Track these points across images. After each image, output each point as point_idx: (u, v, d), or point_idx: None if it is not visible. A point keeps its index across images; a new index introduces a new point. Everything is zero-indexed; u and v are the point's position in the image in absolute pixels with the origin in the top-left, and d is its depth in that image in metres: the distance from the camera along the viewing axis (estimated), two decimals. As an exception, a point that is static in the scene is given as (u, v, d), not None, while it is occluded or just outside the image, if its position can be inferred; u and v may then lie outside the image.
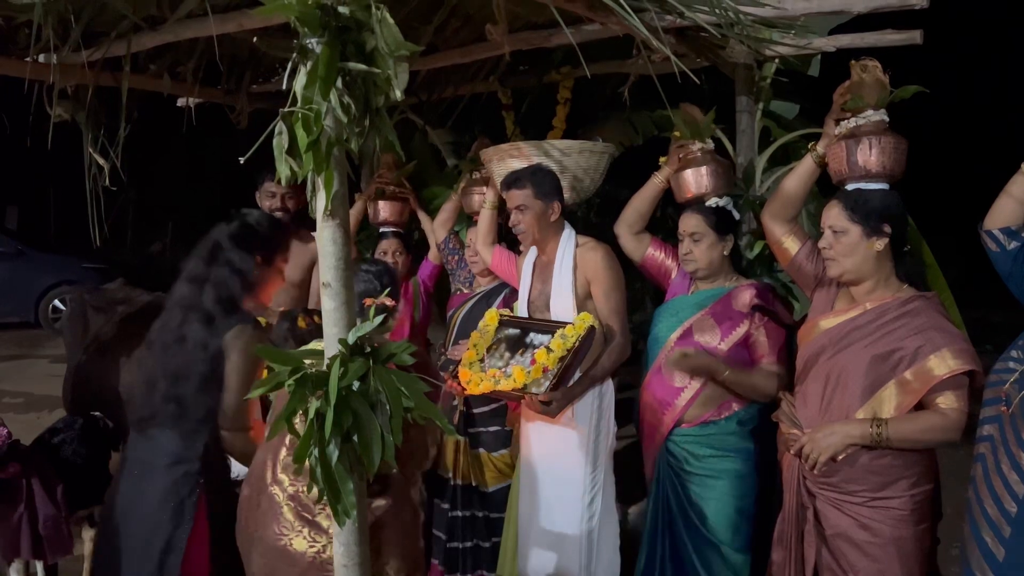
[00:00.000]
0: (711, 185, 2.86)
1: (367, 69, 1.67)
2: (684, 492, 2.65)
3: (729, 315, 2.64)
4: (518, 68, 4.03)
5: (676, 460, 2.69)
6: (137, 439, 2.35)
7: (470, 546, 3.37)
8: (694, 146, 2.93)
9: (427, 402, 1.78)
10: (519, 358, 2.82)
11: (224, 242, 2.42)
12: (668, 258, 2.96)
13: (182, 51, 3.55)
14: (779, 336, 2.63)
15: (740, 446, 2.64)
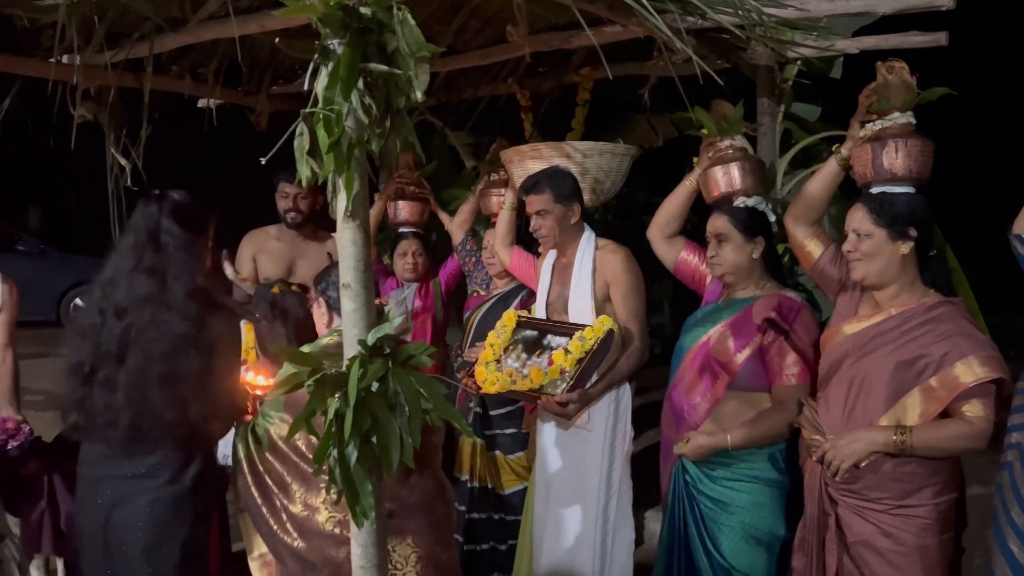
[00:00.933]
0: (740, 183, 2.72)
1: (388, 70, 1.66)
2: (700, 512, 2.54)
3: (745, 328, 2.51)
4: (537, 70, 4.02)
5: (691, 478, 2.56)
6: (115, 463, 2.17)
7: (487, 548, 3.37)
8: (723, 143, 2.81)
9: (446, 404, 1.77)
10: (536, 359, 2.81)
11: (171, 226, 2.20)
12: (703, 263, 2.80)
13: (204, 52, 3.57)
14: (795, 357, 2.44)
15: (756, 473, 2.48)
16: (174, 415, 2.13)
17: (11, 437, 2.66)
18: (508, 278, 3.52)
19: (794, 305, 2.50)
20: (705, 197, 2.86)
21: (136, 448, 2.15)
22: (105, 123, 3.58)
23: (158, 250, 2.19)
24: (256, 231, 3.72)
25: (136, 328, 2.14)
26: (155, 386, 2.12)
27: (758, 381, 2.49)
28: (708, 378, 2.55)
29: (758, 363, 2.48)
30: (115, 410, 2.13)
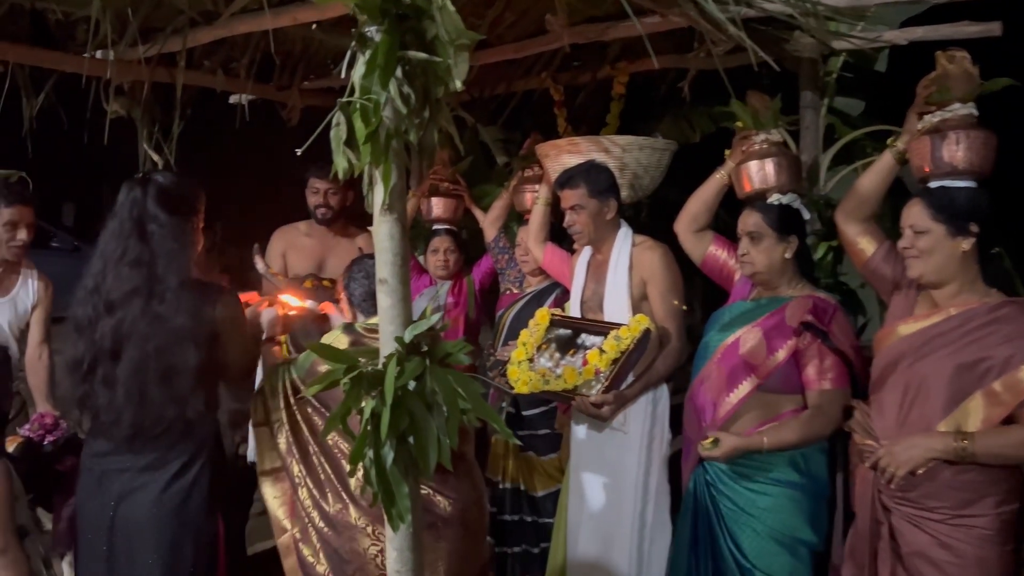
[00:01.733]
0: (775, 179, 2.64)
1: (427, 58, 1.61)
2: (721, 514, 2.46)
3: (779, 330, 2.41)
4: (571, 64, 3.95)
5: (712, 479, 2.49)
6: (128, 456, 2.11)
7: (519, 551, 3.31)
8: (757, 137, 2.73)
9: (484, 404, 1.71)
10: (570, 359, 2.75)
11: (155, 212, 2.08)
12: (732, 258, 2.72)
13: (236, 47, 3.55)
14: (834, 360, 2.35)
15: (776, 476, 2.38)
16: (175, 411, 2.07)
17: (49, 432, 2.65)
18: (541, 276, 3.46)
19: (829, 307, 2.41)
20: (737, 192, 2.77)
21: (140, 443, 2.09)
22: (138, 118, 3.58)
23: (143, 239, 2.07)
24: (286, 227, 3.70)
25: (128, 323, 2.04)
26: (154, 382, 2.05)
27: (789, 384, 2.41)
28: (736, 379, 2.46)
29: (792, 366, 2.40)
30: (117, 408, 2.06)
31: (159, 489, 2.10)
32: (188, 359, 2.05)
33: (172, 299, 2.04)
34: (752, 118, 2.75)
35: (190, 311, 2.05)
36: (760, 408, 2.42)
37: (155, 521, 2.09)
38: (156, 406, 2.05)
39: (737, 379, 2.46)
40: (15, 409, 2.95)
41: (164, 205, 2.09)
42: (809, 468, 2.40)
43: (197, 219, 2.20)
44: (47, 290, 2.96)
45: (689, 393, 2.64)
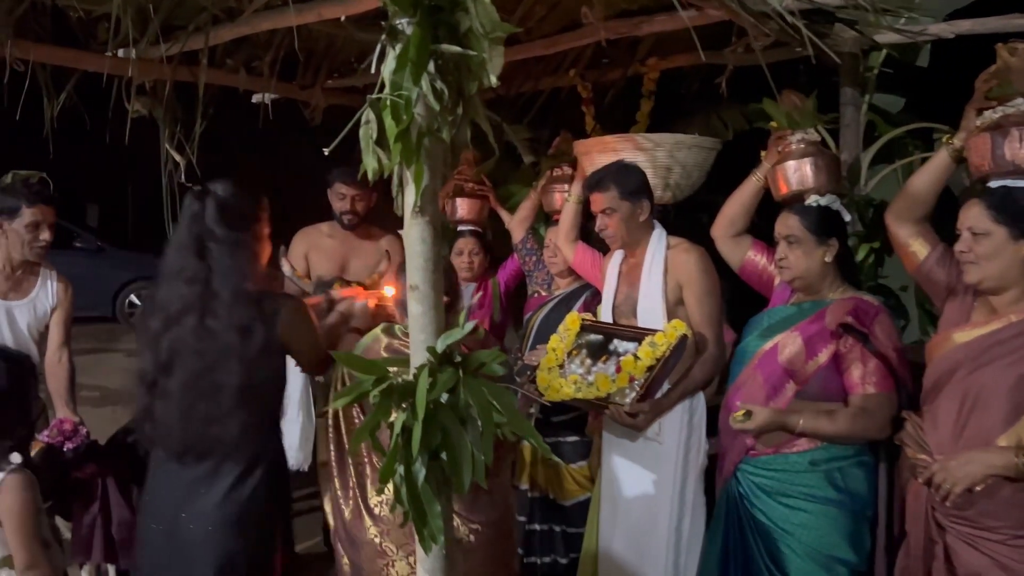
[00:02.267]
0: (813, 180, 2.55)
1: (461, 51, 1.52)
2: (755, 527, 2.36)
3: (818, 333, 2.31)
4: (600, 61, 3.85)
5: (744, 491, 2.40)
6: (179, 469, 2.11)
7: (548, 562, 3.23)
8: (793, 136, 2.63)
9: (520, 417, 1.63)
10: (602, 365, 2.66)
11: (212, 229, 2.08)
12: (770, 264, 2.62)
13: (259, 45, 3.50)
14: (877, 364, 2.24)
15: (812, 491, 2.27)
16: (219, 429, 2.06)
17: (68, 439, 2.59)
18: (571, 278, 3.37)
19: (871, 308, 2.31)
20: (774, 195, 2.68)
21: (191, 457, 2.09)
22: (160, 118, 3.53)
23: (201, 255, 2.07)
24: (308, 228, 3.63)
25: (181, 338, 2.07)
26: (200, 399, 2.06)
27: (831, 390, 2.31)
28: (774, 386, 2.37)
29: (832, 371, 2.30)
30: (169, 422, 2.09)
31: (215, 502, 2.07)
32: (233, 377, 2.04)
33: (224, 315, 2.04)
34: (787, 117, 2.65)
35: (240, 327, 2.04)
36: None
37: (211, 535, 2.07)
38: (200, 423, 2.06)
39: (776, 386, 2.36)
40: (36, 414, 2.89)
41: (221, 220, 2.09)
42: (847, 484, 2.29)
43: (259, 228, 2.19)
44: (67, 292, 2.91)
45: (725, 400, 2.54)
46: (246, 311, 2.05)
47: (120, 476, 2.62)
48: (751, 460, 2.40)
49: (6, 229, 2.72)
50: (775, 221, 2.50)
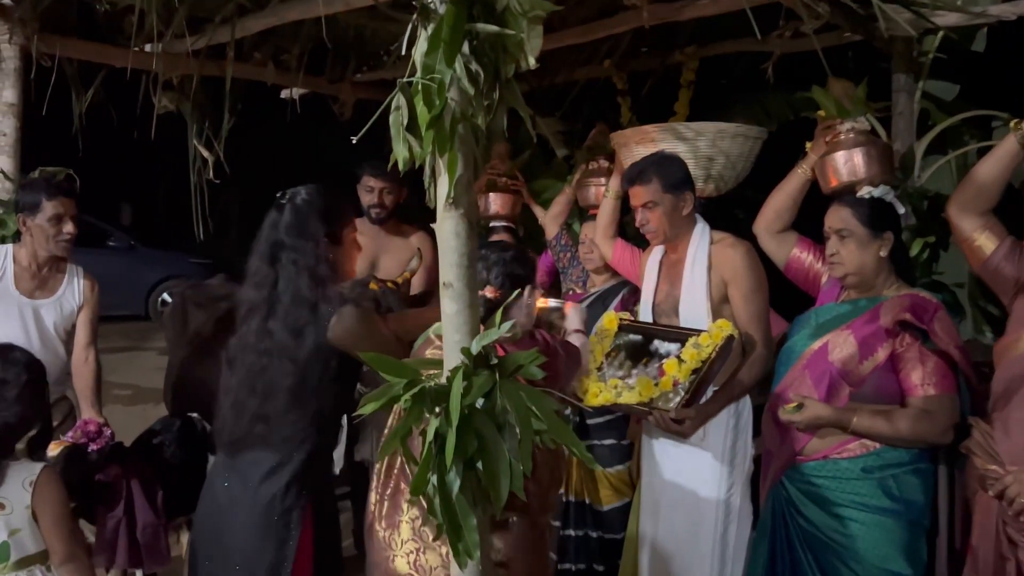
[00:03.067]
0: (864, 171, 2.43)
1: (498, 31, 1.42)
2: (803, 538, 2.24)
3: (873, 332, 2.18)
4: (638, 50, 3.72)
5: (791, 497, 2.28)
6: (227, 460, 2.17)
7: (583, 568, 3.11)
8: (842, 126, 2.50)
9: (561, 424, 1.52)
10: (642, 368, 2.53)
11: (283, 237, 2.12)
12: (817, 261, 2.51)
13: (286, 36, 3.43)
14: (937, 363, 2.12)
15: (864, 500, 2.16)
16: (263, 427, 2.08)
17: (92, 440, 2.53)
18: (607, 274, 3.26)
19: (929, 304, 2.17)
20: (822, 187, 2.55)
21: (236, 450, 2.13)
22: (187, 114, 3.48)
23: (272, 263, 2.12)
24: None
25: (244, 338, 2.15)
26: (252, 396, 2.10)
27: (887, 392, 2.17)
28: (826, 388, 2.23)
29: (889, 372, 2.17)
30: (223, 415, 2.15)
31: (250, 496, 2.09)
32: (284, 377, 2.07)
33: (281, 316, 2.09)
34: (836, 105, 2.51)
35: (293, 329, 2.08)
36: None
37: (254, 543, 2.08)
38: (249, 419, 2.10)
39: (828, 387, 2.23)
40: (63, 414, 2.85)
41: (292, 229, 2.12)
42: (902, 492, 2.15)
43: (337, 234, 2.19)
44: (93, 290, 2.86)
45: (770, 403, 2.41)
46: (301, 314, 2.08)
47: (145, 478, 2.55)
48: (799, 466, 2.27)
49: (30, 226, 2.68)
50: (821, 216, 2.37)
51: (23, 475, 2.00)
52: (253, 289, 2.14)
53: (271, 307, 2.10)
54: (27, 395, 2.00)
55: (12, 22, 2.85)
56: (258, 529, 2.07)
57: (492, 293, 2.03)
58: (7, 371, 1.99)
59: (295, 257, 2.10)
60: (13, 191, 2.95)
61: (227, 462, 2.16)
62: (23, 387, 1.99)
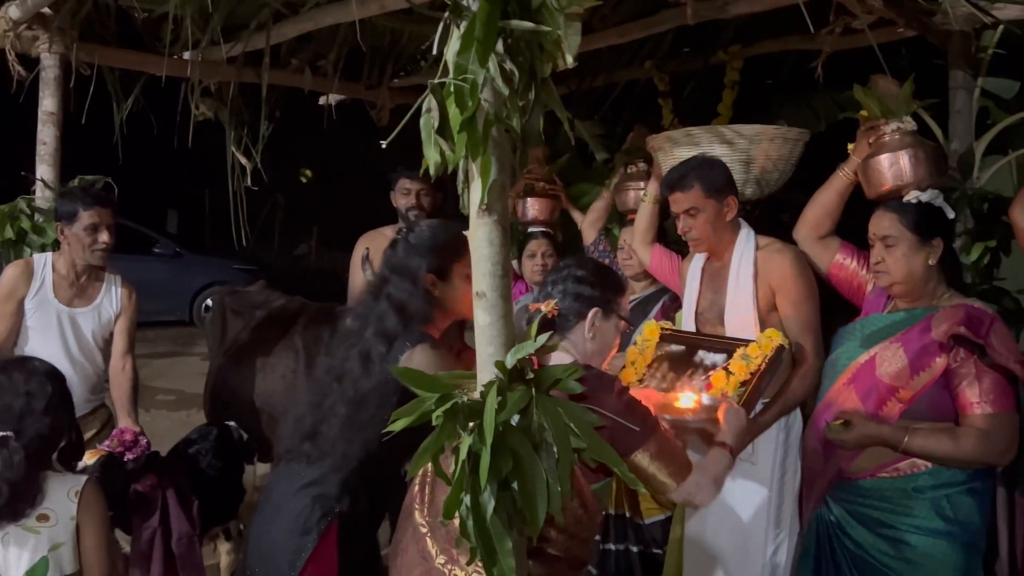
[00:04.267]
0: (911, 174, 2.29)
1: (534, 28, 1.35)
2: (850, 561, 2.13)
3: (925, 345, 2.05)
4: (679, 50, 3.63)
5: (836, 519, 2.17)
6: (279, 470, 2.14)
7: (624, 584, 3.01)
8: (887, 127, 2.37)
9: (601, 442, 1.44)
10: (687, 380, 2.43)
11: (387, 273, 2.10)
12: (862, 268, 2.40)
13: (323, 42, 3.41)
14: (995, 379, 1.99)
15: (916, 522, 2.04)
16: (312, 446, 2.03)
17: (128, 449, 2.53)
18: (646, 281, 3.17)
19: (985, 316, 2.03)
20: (866, 191, 2.41)
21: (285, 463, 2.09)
22: (225, 120, 3.48)
23: (376, 297, 2.09)
24: (371, 232, 3.51)
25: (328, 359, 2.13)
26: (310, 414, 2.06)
27: (940, 410, 2.04)
28: (874, 404, 2.11)
29: (943, 388, 2.04)
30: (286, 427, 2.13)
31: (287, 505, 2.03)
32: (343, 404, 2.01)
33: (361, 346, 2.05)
34: (879, 105, 2.37)
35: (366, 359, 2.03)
36: None
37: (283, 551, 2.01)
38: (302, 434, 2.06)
39: (875, 403, 2.10)
40: (101, 422, 2.86)
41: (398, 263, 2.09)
42: (956, 513, 2.03)
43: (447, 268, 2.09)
44: (131, 298, 2.86)
45: (812, 418, 2.29)
46: (379, 346, 2.03)
47: (181, 488, 2.54)
48: (845, 485, 2.16)
49: (67, 235, 2.69)
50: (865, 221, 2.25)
51: (67, 486, 1.93)
52: (354, 319, 2.11)
53: (360, 337, 2.07)
54: (54, 405, 1.94)
55: (51, 31, 2.88)
56: (282, 536, 2.02)
57: (547, 308, 1.81)
58: (30, 383, 1.93)
59: (391, 292, 2.06)
60: (52, 199, 2.97)
61: (277, 470, 2.14)
62: (49, 397, 1.94)
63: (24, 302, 2.69)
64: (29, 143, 3.03)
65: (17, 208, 2.93)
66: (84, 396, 2.80)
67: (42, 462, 1.94)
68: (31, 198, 2.97)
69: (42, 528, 1.87)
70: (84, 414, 2.82)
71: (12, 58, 2.90)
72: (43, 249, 2.89)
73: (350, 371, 2.02)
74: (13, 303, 2.68)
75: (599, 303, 1.83)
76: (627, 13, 2.97)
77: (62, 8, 2.82)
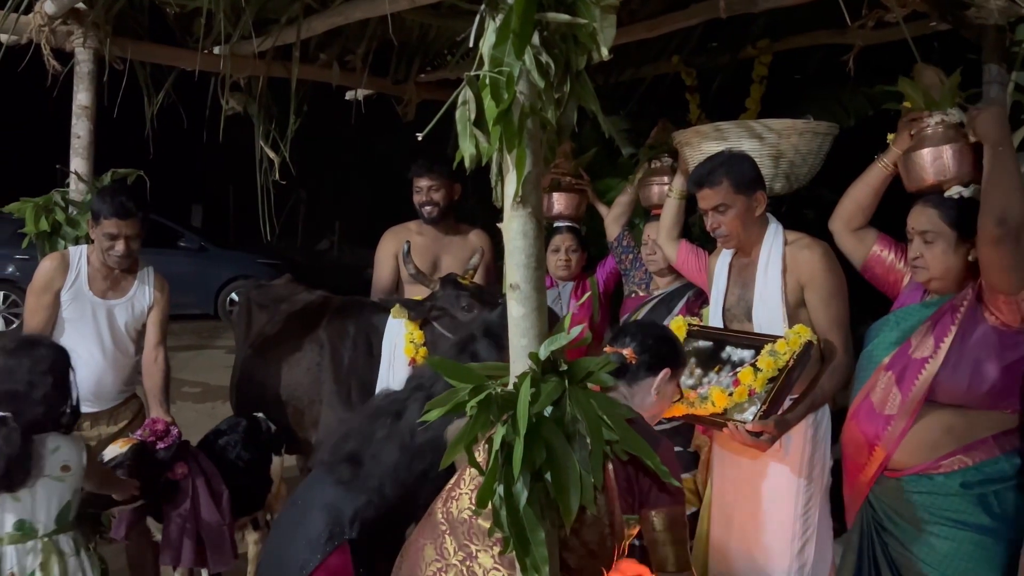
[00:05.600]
0: (954, 170, 2.23)
1: (570, 20, 1.35)
2: (891, 559, 2.11)
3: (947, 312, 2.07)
4: (707, 45, 3.60)
5: (877, 515, 2.16)
6: (314, 476, 2.16)
7: (648, 580, 3.00)
8: (931, 119, 2.31)
9: (633, 434, 1.45)
10: (714, 376, 2.42)
11: (477, 333, 2.18)
12: (899, 260, 2.36)
13: (352, 37, 3.42)
14: None
15: (966, 519, 2.02)
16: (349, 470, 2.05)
17: (159, 439, 2.56)
18: (671, 276, 3.15)
19: None
20: (906, 185, 2.37)
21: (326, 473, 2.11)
22: (254, 115, 3.51)
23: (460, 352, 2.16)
24: (396, 227, 3.54)
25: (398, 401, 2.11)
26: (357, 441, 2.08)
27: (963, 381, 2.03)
28: (907, 383, 2.10)
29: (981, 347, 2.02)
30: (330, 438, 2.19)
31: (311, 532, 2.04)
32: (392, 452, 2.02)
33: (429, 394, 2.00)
34: (924, 96, 2.34)
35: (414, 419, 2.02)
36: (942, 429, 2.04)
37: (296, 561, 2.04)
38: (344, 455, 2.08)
39: (908, 382, 2.09)
40: (132, 412, 2.90)
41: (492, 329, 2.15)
42: (1004, 509, 2.01)
43: None
44: (163, 291, 2.89)
45: (851, 411, 2.27)
46: None
47: (210, 478, 2.57)
48: (888, 481, 2.14)
49: (94, 232, 2.73)
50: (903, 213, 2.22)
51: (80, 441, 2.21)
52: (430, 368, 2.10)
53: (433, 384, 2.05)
54: (51, 395, 2.11)
55: (86, 26, 2.91)
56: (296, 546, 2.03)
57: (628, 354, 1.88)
58: (34, 372, 2.09)
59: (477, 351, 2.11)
60: (86, 192, 3.00)
61: (312, 476, 2.17)
62: (49, 388, 2.10)
63: (60, 294, 2.72)
64: (63, 136, 3.07)
65: (52, 201, 2.96)
66: (117, 387, 2.84)
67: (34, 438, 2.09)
68: (65, 191, 3.00)
69: (66, 477, 2.13)
70: (116, 405, 2.87)
71: (47, 52, 2.93)
72: (77, 242, 2.92)
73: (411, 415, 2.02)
74: (50, 295, 2.71)
75: (671, 364, 1.95)
76: (656, 7, 2.95)
77: (96, 4, 2.85)
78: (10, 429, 2.02)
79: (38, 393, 2.08)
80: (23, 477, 2.04)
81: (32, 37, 2.89)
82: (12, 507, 2.06)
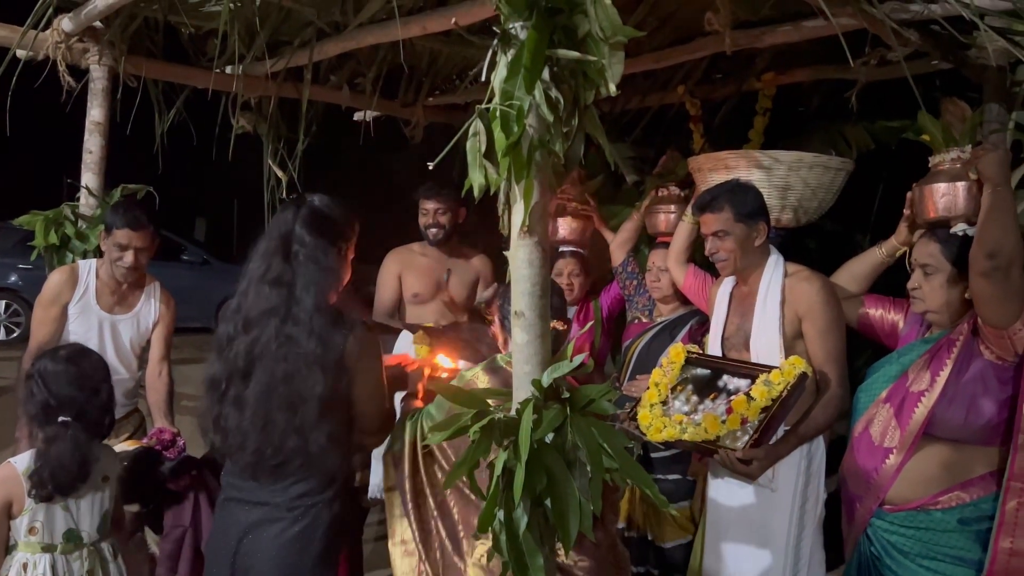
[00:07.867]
0: (963, 207, 2.28)
1: (579, 57, 1.39)
2: None
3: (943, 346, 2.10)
4: (712, 76, 3.66)
5: (875, 548, 2.18)
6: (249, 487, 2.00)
7: (643, 606, 3.02)
8: (947, 154, 2.36)
9: (633, 463, 1.47)
10: (709, 403, 2.43)
11: (301, 233, 1.97)
12: (889, 311, 2.45)
13: (362, 60, 3.48)
14: None
15: (964, 555, 2.04)
16: (296, 441, 1.92)
17: (166, 449, 2.58)
18: (675, 303, 3.18)
19: None
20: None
21: (261, 471, 1.97)
22: (264, 134, 3.56)
23: (287, 259, 1.97)
24: (400, 248, 3.57)
25: (261, 343, 1.94)
26: (279, 408, 1.92)
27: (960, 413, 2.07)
28: (905, 415, 2.14)
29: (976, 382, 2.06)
30: (243, 431, 1.94)
31: (281, 528, 1.97)
32: (315, 387, 1.91)
33: (305, 322, 1.93)
34: (943, 133, 2.38)
35: (321, 337, 1.93)
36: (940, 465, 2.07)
37: (274, 561, 1.97)
38: (278, 433, 1.93)
39: (906, 415, 2.13)
40: (134, 426, 2.91)
41: (312, 227, 1.99)
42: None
43: (346, 246, 2.08)
44: (169, 306, 2.92)
45: (851, 445, 2.30)
46: (326, 322, 1.94)
47: (212, 492, 2.58)
48: (887, 515, 2.16)
49: (105, 244, 2.76)
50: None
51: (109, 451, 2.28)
52: (268, 287, 1.95)
53: (288, 310, 1.94)
54: (106, 404, 2.18)
55: (102, 44, 2.97)
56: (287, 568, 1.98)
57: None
58: (94, 380, 2.15)
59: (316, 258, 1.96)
60: (97, 207, 3.04)
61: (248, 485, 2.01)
62: (105, 396, 2.16)
63: (68, 307, 2.75)
64: (74, 150, 3.11)
65: (62, 214, 3.00)
66: (119, 401, 2.84)
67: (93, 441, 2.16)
68: (75, 205, 3.04)
69: (105, 487, 2.19)
70: (118, 418, 2.87)
71: (63, 69, 2.99)
72: (85, 255, 2.95)
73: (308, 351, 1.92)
74: (57, 308, 2.74)
75: None
76: (664, 39, 3.01)
77: (113, 23, 2.91)
78: (77, 432, 2.07)
79: (97, 400, 2.13)
80: (80, 483, 2.09)
81: (49, 54, 2.95)
82: (63, 516, 2.10)
